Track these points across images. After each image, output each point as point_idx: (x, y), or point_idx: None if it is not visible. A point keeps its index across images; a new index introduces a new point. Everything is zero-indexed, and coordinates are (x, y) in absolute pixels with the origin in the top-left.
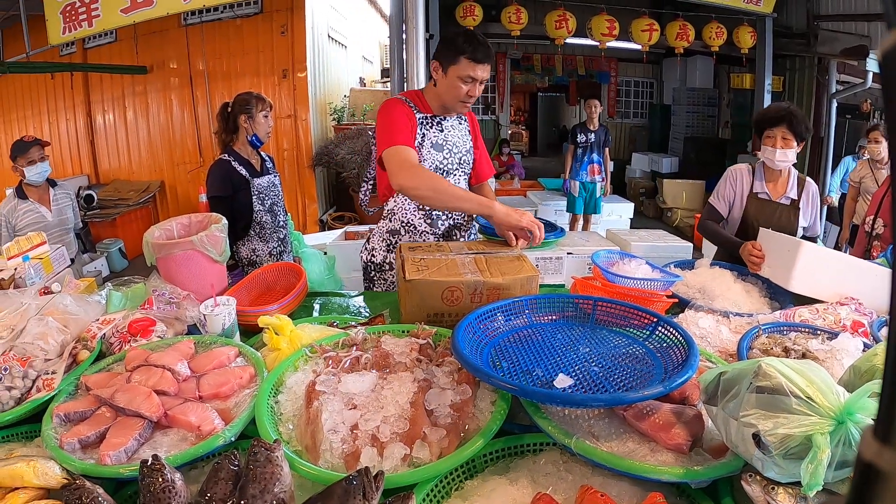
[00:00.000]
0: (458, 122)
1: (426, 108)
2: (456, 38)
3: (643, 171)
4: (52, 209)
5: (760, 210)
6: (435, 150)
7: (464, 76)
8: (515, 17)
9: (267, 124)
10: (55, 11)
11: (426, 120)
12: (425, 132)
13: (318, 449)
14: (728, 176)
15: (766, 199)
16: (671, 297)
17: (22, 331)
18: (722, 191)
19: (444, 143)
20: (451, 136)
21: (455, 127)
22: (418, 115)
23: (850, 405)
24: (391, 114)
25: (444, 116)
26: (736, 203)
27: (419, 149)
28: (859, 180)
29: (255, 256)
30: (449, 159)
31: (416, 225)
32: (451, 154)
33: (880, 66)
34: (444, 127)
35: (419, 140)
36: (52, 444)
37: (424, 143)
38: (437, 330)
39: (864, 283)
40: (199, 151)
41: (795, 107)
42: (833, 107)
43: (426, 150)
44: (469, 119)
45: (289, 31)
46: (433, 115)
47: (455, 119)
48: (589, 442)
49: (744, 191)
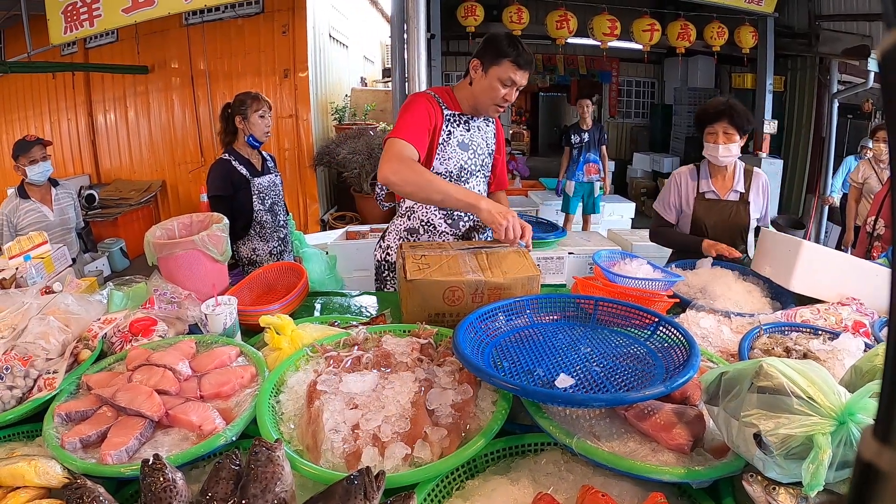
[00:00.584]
0: (485, 125)
1: (455, 106)
2: (501, 39)
3: (644, 171)
4: (54, 209)
5: (709, 210)
6: (461, 149)
7: (504, 79)
8: (517, 16)
9: (263, 124)
10: (56, 11)
11: (454, 118)
12: (452, 129)
13: (319, 448)
14: (672, 181)
15: (714, 197)
16: (672, 297)
17: (23, 330)
18: (667, 197)
19: (469, 143)
20: (477, 137)
21: (482, 128)
22: (446, 112)
23: (851, 405)
24: (409, 108)
25: (472, 116)
26: (684, 206)
27: (444, 146)
28: (863, 181)
29: (255, 256)
30: (473, 160)
31: (436, 225)
32: (476, 155)
33: (880, 66)
34: (470, 127)
35: (444, 137)
36: (54, 443)
37: (450, 140)
38: (438, 330)
39: (866, 284)
40: (201, 151)
41: (735, 100)
42: (835, 107)
43: (451, 149)
44: (496, 124)
45: (290, 31)
46: (461, 114)
47: (482, 121)
48: (590, 442)
49: (689, 193)
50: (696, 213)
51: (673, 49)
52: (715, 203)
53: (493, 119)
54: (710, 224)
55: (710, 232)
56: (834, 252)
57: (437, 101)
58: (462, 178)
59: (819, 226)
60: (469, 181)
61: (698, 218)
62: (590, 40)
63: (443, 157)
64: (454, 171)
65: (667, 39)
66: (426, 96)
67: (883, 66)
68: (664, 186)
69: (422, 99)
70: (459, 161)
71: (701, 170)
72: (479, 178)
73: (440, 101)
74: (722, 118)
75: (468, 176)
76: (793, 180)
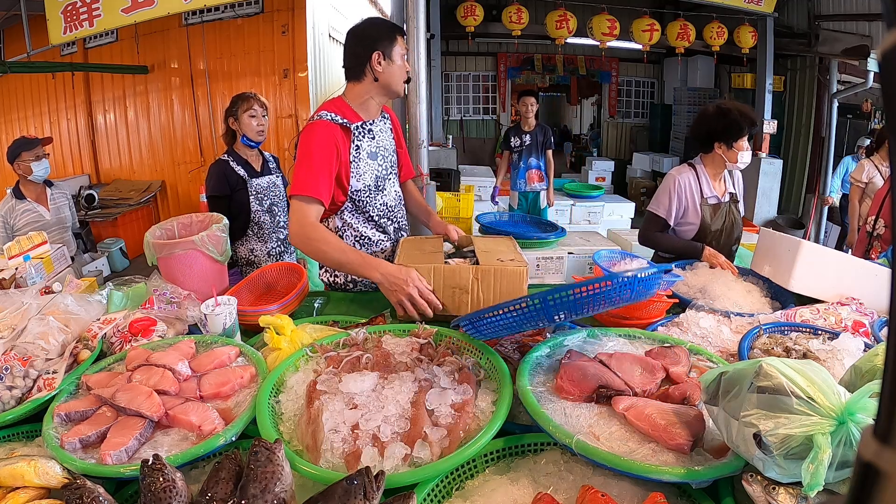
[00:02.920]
0: (383, 124)
1: (355, 116)
2: (380, 25)
3: (644, 171)
4: (50, 209)
5: (714, 214)
6: (370, 160)
7: (403, 52)
8: (516, 16)
9: (255, 123)
10: (56, 11)
11: (359, 129)
12: (359, 143)
13: (318, 449)
14: (674, 186)
15: (717, 202)
16: (671, 297)
17: (23, 330)
18: (668, 202)
19: (377, 150)
20: (382, 140)
21: (382, 130)
22: (351, 127)
23: (851, 405)
24: (307, 149)
25: (372, 121)
26: (689, 212)
27: (356, 163)
28: (867, 180)
29: (252, 256)
30: (384, 165)
31: (369, 237)
32: (385, 159)
33: (880, 66)
34: (375, 133)
35: (354, 154)
36: (53, 443)
37: (360, 154)
38: (437, 329)
39: (865, 283)
40: (200, 151)
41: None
42: (834, 106)
43: (363, 163)
44: (391, 117)
45: (290, 31)
46: (363, 123)
47: (380, 121)
48: (590, 442)
49: (695, 199)
50: (705, 220)
51: (672, 49)
52: (717, 207)
53: (388, 114)
54: (716, 229)
55: (715, 237)
56: (834, 252)
57: (336, 123)
58: (380, 187)
59: (819, 226)
60: (385, 187)
61: (707, 224)
62: (589, 40)
63: (357, 174)
64: (371, 183)
65: (666, 39)
66: (322, 125)
67: (883, 66)
68: (661, 190)
69: (317, 130)
70: (374, 172)
71: (700, 173)
72: (392, 179)
73: (339, 118)
74: (752, 128)
75: (384, 182)
76: (792, 180)
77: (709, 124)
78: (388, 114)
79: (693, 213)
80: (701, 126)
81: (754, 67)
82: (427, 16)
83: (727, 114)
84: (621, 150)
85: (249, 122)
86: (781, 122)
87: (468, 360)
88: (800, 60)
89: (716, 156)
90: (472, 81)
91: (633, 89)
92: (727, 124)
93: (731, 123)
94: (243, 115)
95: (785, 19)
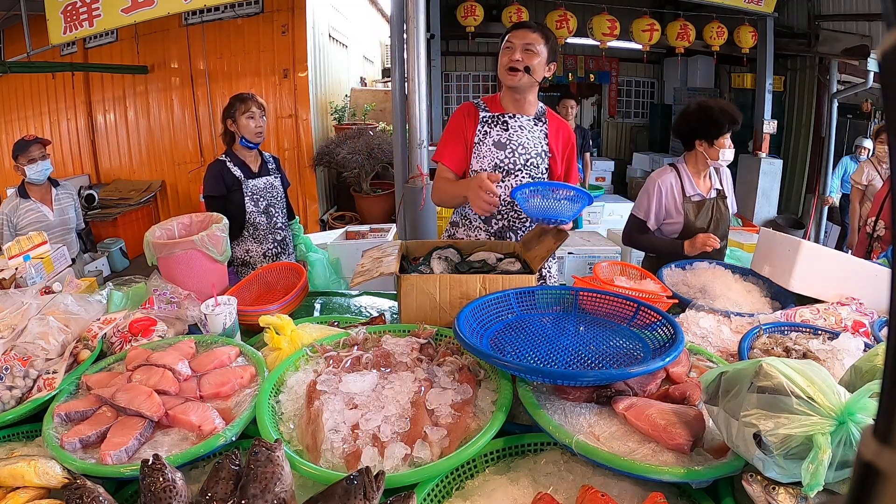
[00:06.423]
0: (531, 124)
1: (497, 108)
2: None
3: (644, 171)
4: (54, 209)
5: (699, 212)
6: (496, 149)
7: (504, 46)
8: (516, 16)
9: (253, 125)
10: (56, 11)
11: (492, 119)
12: (488, 130)
13: (318, 448)
14: (654, 188)
15: (700, 199)
16: (671, 297)
17: (23, 330)
18: (649, 204)
19: (507, 143)
20: (519, 136)
21: (525, 127)
22: (484, 115)
23: (850, 405)
24: (450, 122)
25: (513, 115)
26: (672, 212)
27: (479, 145)
28: (867, 182)
29: (248, 257)
30: (511, 158)
31: (471, 219)
32: (515, 154)
33: (880, 66)
34: (509, 126)
35: (480, 138)
36: (53, 443)
37: (486, 140)
38: (437, 329)
39: (865, 284)
40: (200, 151)
41: (717, 100)
42: (834, 106)
43: (486, 148)
44: (550, 124)
45: (289, 31)
46: (501, 114)
47: (528, 119)
48: (590, 442)
49: (676, 198)
50: (689, 217)
51: (672, 49)
52: (701, 204)
53: (547, 119)
54: (701, 226)
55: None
56: (833, 252)
57: (475, 108)
58: None
59: (819, 226)
60: (505, 179)
61: (690, 222)
62: (589, 40)
63: (478, 156)
64: (489, 168)
65: (666, 39)
66: (463, 108)
67: (883, 66)
68: (642, 193)
69: (458, 112)
70: (494, 159)
71: (682, 172)
72: (520, 176)
73: (482, 106)
74: (733, 126)
75: (504, 174)
76: (792, 180)
77: (689, 122)
78: (547, 119)
79: (675, 212)
80: (682, 124)
81: (754, 67)
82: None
83: (708, 112)
84: (621, 150)
85: (247, 123)
86: (781, 122)
87: (468, 359)
88: (800, 60)
89: (697, 153)
90: (472, 81)
91: (633, 89)
92: (708, 122)
93: (712, 121)
94: (241, 116)
95: (785, 19)
